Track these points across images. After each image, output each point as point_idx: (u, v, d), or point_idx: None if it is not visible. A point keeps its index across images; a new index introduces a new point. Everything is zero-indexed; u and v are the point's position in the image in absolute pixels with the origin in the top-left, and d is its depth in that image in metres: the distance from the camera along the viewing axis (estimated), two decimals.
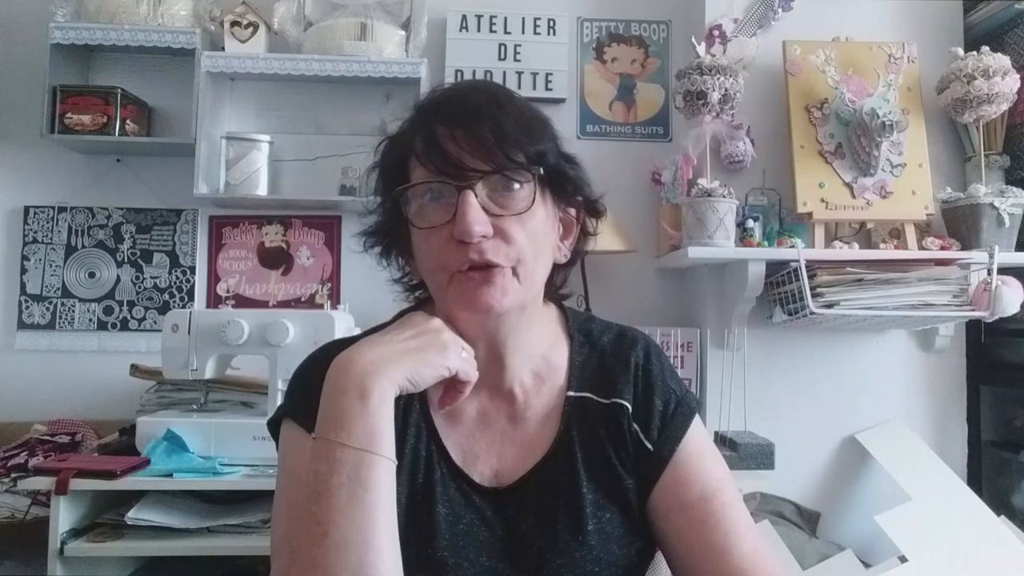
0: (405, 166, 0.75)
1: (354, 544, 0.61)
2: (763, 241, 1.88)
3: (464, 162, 0.70)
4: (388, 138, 0.79)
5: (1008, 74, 1.80)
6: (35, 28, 2.08)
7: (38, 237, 2.16)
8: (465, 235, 0.69)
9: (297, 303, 2.21)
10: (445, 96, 0.76)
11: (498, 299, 0.71)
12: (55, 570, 1.47)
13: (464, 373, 0.73)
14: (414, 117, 0.76)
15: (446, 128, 0.71)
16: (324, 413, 0.68)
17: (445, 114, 0.72)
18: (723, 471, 0.80)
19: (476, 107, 0.72)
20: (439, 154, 0.70)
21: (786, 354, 2.00)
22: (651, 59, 2.30)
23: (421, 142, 0.72)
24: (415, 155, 0.73)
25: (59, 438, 1.89)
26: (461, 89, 0.78)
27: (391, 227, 0.80)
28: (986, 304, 1.71)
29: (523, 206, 0.72)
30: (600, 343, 0.85)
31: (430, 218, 0.72)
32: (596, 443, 0.79)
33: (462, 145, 0.70)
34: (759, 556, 0.74)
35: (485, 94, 0.75)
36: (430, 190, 0.72)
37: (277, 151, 2.15)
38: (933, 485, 1.81)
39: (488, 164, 0.70)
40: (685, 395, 0.83)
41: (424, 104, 0.77)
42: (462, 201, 0.69)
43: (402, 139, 0.76)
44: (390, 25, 2.12)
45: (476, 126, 0.70)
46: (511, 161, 0.71)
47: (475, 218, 0.69)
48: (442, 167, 0.70)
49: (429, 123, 0.72)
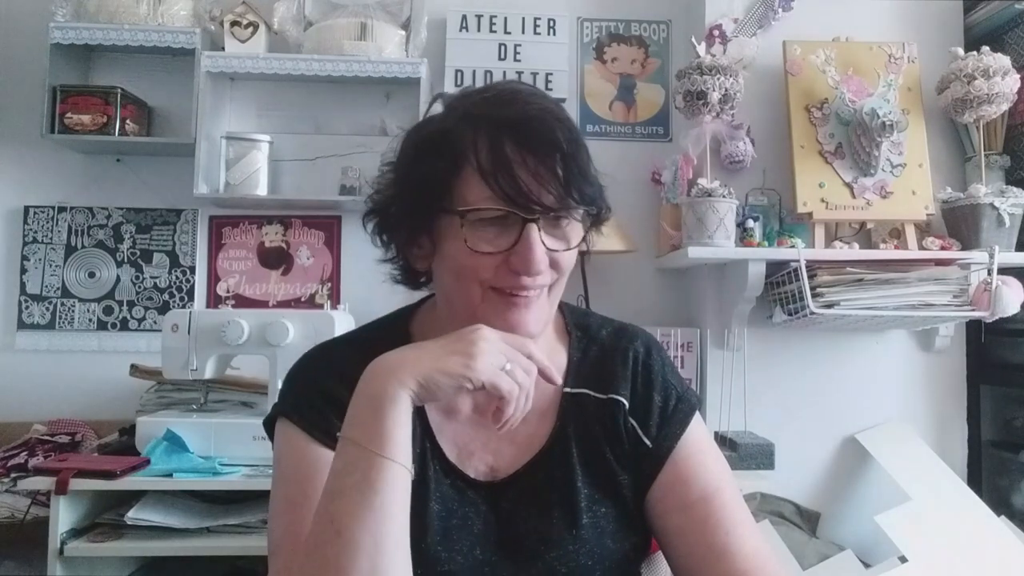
0: (455, 173, 0.70)
1: (365, 547, 0.61)
2: (763, 241, 1.88)
3: (532, 194, 0.68)
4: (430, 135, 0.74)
5: (1008, 74, 1.80)
6: (35, 28, 2.08)
7: (38, 237, 2.16)
8: (529, 272, 0.70)
9: (297, 303, 2.20)
10: (508, 110, 0.71)
11: (534, 324, 0.73)
12: (55, 570, 1.47)
13: (496, 387, 0.65)
14: (471, 123, 0.71)
15: (516, 150, 0.68)
16: (348, 412, 0.67)
17: (516, 133, 0.69)
18: (724, 470, 0.80)
19: (547, 136, 0.69)
20: (510, 180, 0.68)
21: (786, 354, 2.00)
22: (651, 59, 2.30)
23: (488, 157, 0.68)
24: (478, 168, 0.69)
25: (59, 438, 1.89)
26: (533, 108, 0.71)
27: (416, 223, 0.75)
28: (986, 304, 1.71)
29: (574, 242, 0.73)
30: (599, 337, 0.85)
31: (487, 242, 0.70)
32: (592, 439, 0.79)
33: (533, 175, 0.68)
34: (761, 557, 0.74)
35: (558, 122, 0.71)
36: (490, 213, 0.69)
37: (277, 151, 2.15)
38: (933, 485, 1.81)
39: (556, 201, 0.69)
40: (686, 392, 0.83)
41: (483, 112, 0.71)
42: (528, 236, 0.69)
43: (456, 141, 0.71)
44: (390, 25, 2.12)
45: (548, 157, 0.69)
46: (576, 201, 0.71)
47: (541, 257, 0.70)
48: (511, 194, 0.68)
49: (498, 139, 0.69)
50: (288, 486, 0.73)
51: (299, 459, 0.74)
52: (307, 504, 0.69)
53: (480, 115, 0.71)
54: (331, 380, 0.77)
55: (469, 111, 0.72)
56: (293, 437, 0.76)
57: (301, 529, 0.67)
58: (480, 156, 0.69)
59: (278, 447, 0.78)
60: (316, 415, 0.75)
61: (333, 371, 0.78)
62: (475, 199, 0.69)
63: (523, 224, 0.69)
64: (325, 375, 0.78)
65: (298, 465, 0.74)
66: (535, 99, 0.73)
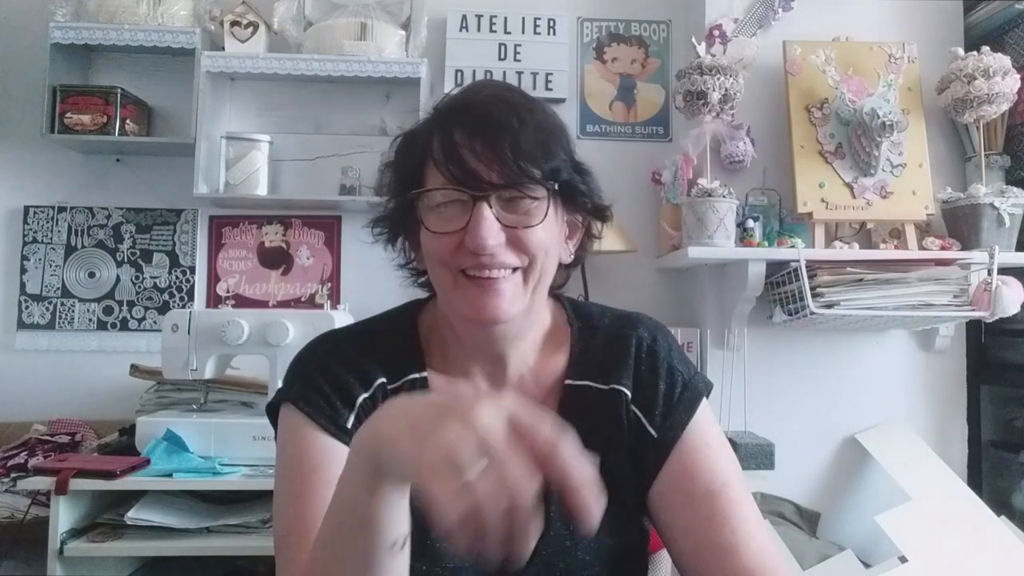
0: (421, 166, 0.75)
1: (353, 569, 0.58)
2: (763, 241, 1.88)
3: (480, 174, 0.70)
4: (405, 134, 0.79)
5: (1008, 74, 1.80)
6: (35, 28, 2.08)
7: (38, 237, 2.16)
8: (479, 248, 0.70)
9: (297, 303, 2.20)
10: (466, 101, 0.75)
11: (504, 308, 0.72)
12: (55, 570, 1.47)
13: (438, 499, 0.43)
14: (434, 118, 0.76)
15: (465, 137, 0.71)
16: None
17: (466, 122, 0.72)
18: (732, 463, 0.78)
19: (496, 119, 0.72)
20: (457, 163, 0.71)
21: (786, 354, 2.00)
22: (651, 59, 2.30)
23: (440, 148, 0.72)
24: (432, 159, 0.73)
25: (59, 438, 1.89)
26: (483, 95, 0.76)
27: (401, 220, 0.80)
28: (986, 304, 1.71)
29: (535, 219, 0.73)
30: (601, 325, 0.84)
31: (443, 223, 0.72)
32: (592, 433, 0.78)
33: (480, 157, 0.71)
34: (768, 555, 0.72)
35: (507, 105, 0.74)
36: (445, 197, 0.72)
37: (277, 151, 2.15)
38: (933, 485, 1.81)
39: (504, 178, 0.71)
40: (692, 378, 0.81)
41: (445, 107, 0.76)
42: (477, 213, 0.70)
43: (420, 139, 0.76)
44: (390, 25, 2.12)
45: (495, 139, 0.71)
46: (526, 177, 0.71)
47: (489, 231, 0.70)
48: (459, 176, 0.71)
49: (449, 129, 0.72)
50: (294, 477, 0.73)
51: (306, 450, 0.73)
52: (311, 496, 0.69)
53: (440, 109, 0.76)
54: (338, 367, 0.77)
55: (437, 107, 0.77)
56: (297, 425, 0.75)
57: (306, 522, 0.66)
58: (434, 146, 0.73)
59: (282, 435, 0.77)
60: (322, 402, 0.75)
61: (340, 358, 0.78)
62: (432, 185, 0.73)
63: (474, 203, 0.71)
64: (332, 362, 0.78)
65: (303, 455, 0.73)
66: (493, 88, 0.78)
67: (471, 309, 0.73)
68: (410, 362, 0.79)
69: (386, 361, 0.78)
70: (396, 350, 0.80)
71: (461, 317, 0.75)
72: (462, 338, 0.79)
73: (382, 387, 0.77)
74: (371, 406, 0.76)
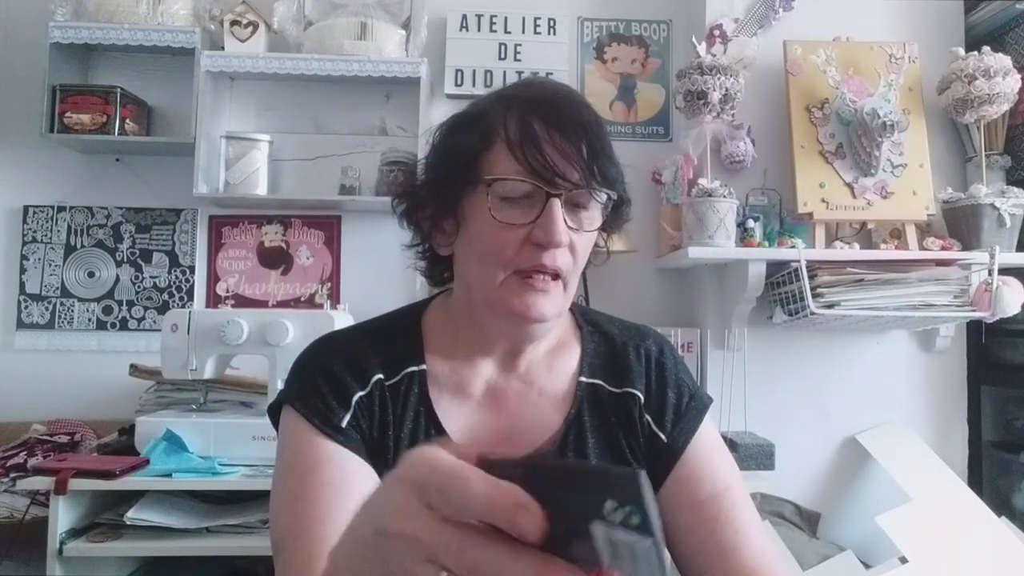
0: (484, 150, 0.72)
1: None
2: (763, 241, 1.88)
3: (558, 168, 0.69)
4: (462, 115, 0.77)
5: (1009, 74, 1.80)
6: (35, 27, 2.08)
7: (37, 237, 2.16)
8: (552, 243, 0.70)
9: (297, 303, 2.20)
10: (536, 92, 0.74)
11: (548, 308, 0.73)
12: (54, 570, 1.47)
13: None
14: (501, 103, 0.74)
15: (543, 126, 0.70)
16: None
17: (543, 111, 0.71)
18: (733, 469, 0.82)
19: (573, 116, 0.71)
20: (536, 152, 0.69)
21: (786, 354, 2.00)
22: (651, 59, 2.30)
23: (517, 131, 0.70)
24: (506, 142, 0.70)
25: (58, 438, 1.89)
26: (550, 88, 0.75)
27: (443, 201, 0.75)
28: (987, 304, 1.70)
29: (594, 224, 0.74)
30: (609, 332, 0.86)
31: (510, 214, 0.70)
32: (607, 429, 0.79)
33: (559, 151, 0.70)
34: (768, 556, 0.75)
35: (579, 104, 0.73)
36: (514, 190, 0.70)
37: (277, 151, 2.15)
38: (933, 486, 1.81)
39: (580, 178, 0.70)
40: (698, 390, 0.84)
41: (513, 94, 0.75)
42: (552, 208, 0.69)
43: (487, 119, 0.73)
44: (390, 25, 2.11)
45: (574, 134, 0.70)
46: (599, 181, 0.71)
47: (563, 228, 0.70)
48: (537, 167, 0.69)
49: (525, 114, 0.71)
50: (290, 478, 0.73)
51: (303, 451, 0.73)
52: (309, 498, 0.68)
53: (511, 95, 0.75)
54: (337, 367, 0.77)
55: (501, 93, 0.76)
56: (298, 427, 0.75)
57: (302, 523, 0.66)
58: (509, 130, 0.71)
59: (282, 435, 0.77)
60: (318, 403, 0.75)
61: (339, 358, 0.78)
62: (503, 171, 0.70)
63: (547, 199, 0.70)
64: (331, 362, 0.77)
65: (302, 457, 0.73)
66: (562, 86, 0.77)
67: (521, 306, 0.72)
68: (408, 356, 0.79)
69: (385, 357, 0.78)
70: (396, 346, 0.80)
71: (506, 313, 0.73)
72: (488, 331, 0.78)
73: (379, 384, 0.77)
74: (368, 404, 0.76)
